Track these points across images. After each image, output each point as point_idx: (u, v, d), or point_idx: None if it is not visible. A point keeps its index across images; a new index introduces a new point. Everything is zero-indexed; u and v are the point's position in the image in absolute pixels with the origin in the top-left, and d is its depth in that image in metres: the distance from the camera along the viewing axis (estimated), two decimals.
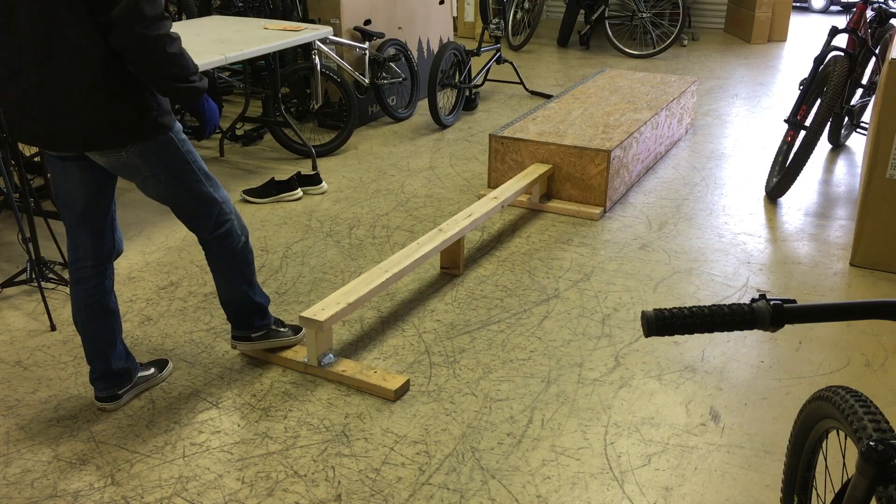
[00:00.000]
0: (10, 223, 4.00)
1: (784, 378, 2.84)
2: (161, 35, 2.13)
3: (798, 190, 4.53)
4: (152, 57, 2.15)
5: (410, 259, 3.12)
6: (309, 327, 2.74)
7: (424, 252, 3.18)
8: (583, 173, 4.18)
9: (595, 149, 4.11)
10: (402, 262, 3.09)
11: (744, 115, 5.96)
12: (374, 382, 2.71)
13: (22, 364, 2.89)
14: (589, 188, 4.19)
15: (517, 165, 4.33)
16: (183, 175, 2.44)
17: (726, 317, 1.20)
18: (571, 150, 4.17)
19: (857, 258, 3.65)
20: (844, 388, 1.43)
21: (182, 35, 4.32)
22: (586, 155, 4.14)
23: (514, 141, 4.30)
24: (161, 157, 2.38)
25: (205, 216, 2.53)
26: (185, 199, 2.48)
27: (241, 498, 2.27)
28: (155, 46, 2.13)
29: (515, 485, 2.32)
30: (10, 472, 2.37)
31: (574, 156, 4.17)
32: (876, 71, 4.91)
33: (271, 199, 4.33)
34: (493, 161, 4.40)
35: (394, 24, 5.82)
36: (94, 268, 2.53)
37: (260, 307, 2.79)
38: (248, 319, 2.79)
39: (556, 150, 4.21)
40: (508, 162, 4.35)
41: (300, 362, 2.82)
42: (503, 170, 4.39)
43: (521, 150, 4.30)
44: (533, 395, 2.73)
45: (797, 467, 1.67)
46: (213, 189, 2.53)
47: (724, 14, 9.27)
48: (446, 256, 3.53)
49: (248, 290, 2.73)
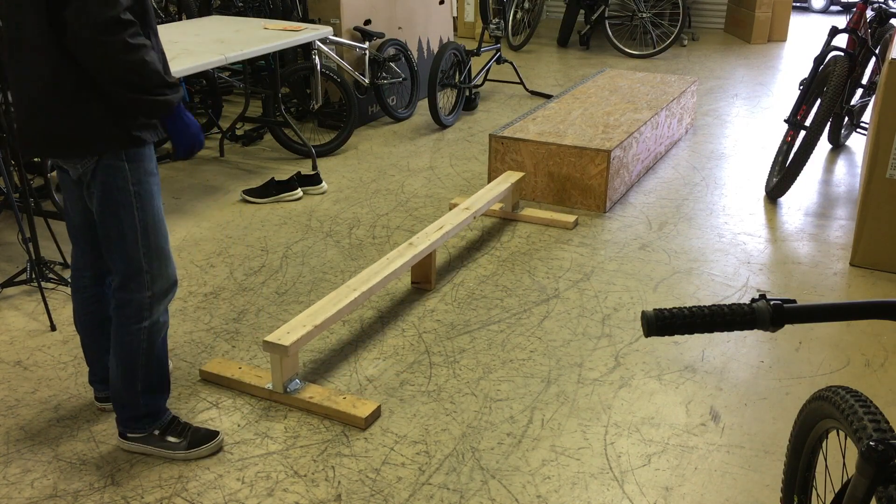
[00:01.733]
0: (10, 223, 4.00)
1: (784, 378, 2.84)
2: (115, 41, 1.94)
3: (798, 190, 4.53)
4: (103, 63, 1.97)
5: (380, 276, 2.97)
6: (274, 352, 2.58)
7: (394, 268, 3.04)
8: (583, 173, 4.17)
9: (595, 149, 4.11)
10: (371, 279, 2.94)
11: (744, 115, 5.96)
12: (342, 409, 2.56)
13: (22, 364, 2.89)
14: (589, 188, 4.19)
15: (517, 165, 4.33)
16: (117, 211, 2.18)
17: (726, 317, 1.20)
18: (571, 150, 4.17)
19: (857, 258, 3.65)
20: (844, 388, 1.43)
21: (182, 35, 4.33)
22: (586, 155, 4.13)
23: (514, 141, 4.29)
24: (105, 178, 2.16)
25: (118, 266, 2.25)
26: (111, 237, 2.22)
27: (241, 498, 2.27)
28: (106, 51, 1.95)
29: (515, 485, 2.32)
30: (10, 472, 2.37)
31: (574, 156, 4.17)
32: (876, 71, 4.91)
33: (271, 199, 4.33)
34: (493, 161, 4.40)
35: (394, 24, 5.82)
36: (93, 279, 2.45)
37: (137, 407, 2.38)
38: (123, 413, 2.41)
39: (556, 150, 4.20)
40: (508, 162, 4.34)
41: (265, 388, 2.67)
42: (503, 170, 4.38)
43: (520, 150, 4.29)
44: (533, 395, 2.73)
45: (797, 467, 1.67)
46: (146, 254, 2.23)
47: (724, 14, 9.27)
48: (417, 271, 3.39)
49: (126, 380, 2.34)
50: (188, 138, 2.19)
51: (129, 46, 1.97)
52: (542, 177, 4.29)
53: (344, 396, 2.63)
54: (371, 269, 3.03)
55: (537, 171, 4.28)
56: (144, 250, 2.22)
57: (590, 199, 4.21)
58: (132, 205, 2.18)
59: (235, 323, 3.15)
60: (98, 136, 2.10)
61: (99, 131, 2.10)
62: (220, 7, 6.17)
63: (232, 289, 3.41)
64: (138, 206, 2.19)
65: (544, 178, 4.28)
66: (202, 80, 5.13)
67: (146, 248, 2.22)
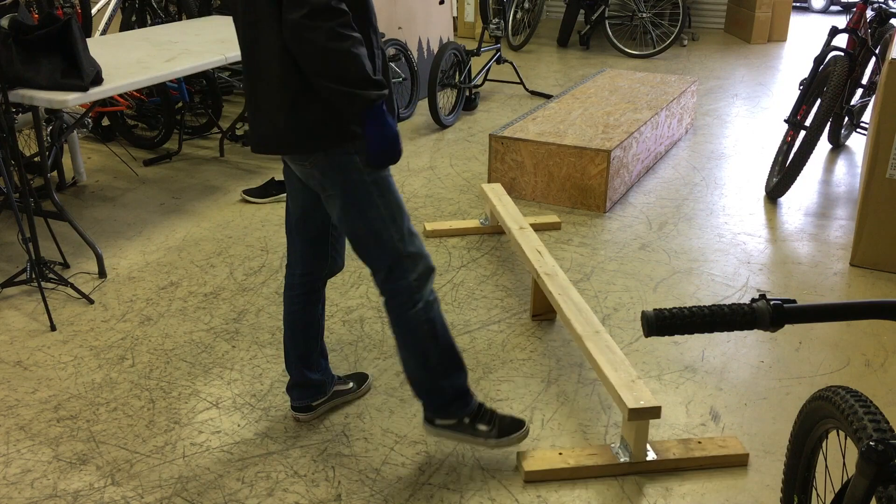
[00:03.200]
0: (10, 223, 4.00)
1: (784, 378, 2.84)
2: (322, 27, 1.87)
3: (798, 190, 4.53)
4: (307, 47, 1.90)
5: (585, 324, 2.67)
6: (642, 418, 2.28)
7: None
8: (583, 173, 4.17)
9: (595, 149, 4.11)
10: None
11: (744, 115, 5.96)
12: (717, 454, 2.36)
13: (22, 364, 2.89)
14: (588, 189, 4.19)
15: (517, 165, 4.33)
16: (361, 206, 2.14)
17: (726, 317, 1.20)
18: (571, 150, 4.16)
19: (857, 258, 3.65)
20: (844, 388, 1.43)
21: (182, 35, 4.33)
22: (586, 155, 4.13)
23: (513, 141, 4.29)
24: (338, 176, 2.12)
25: (378, 261, 2.20)
26: (361, 234, 2.18)
27: (241, 498, 2.27)
28: (311, 36, 1.88)
29: (515, 485, 2.32)
30: (10, 472, 2.37)
31: (574, 156, 4.16)
32: (876, 71, 4.91)
33: (271, 199, 4.33)
34: (493, 161, 4.39)
35: (394, 24, 5.82)
36: (302, 276, 2.41)
37: (443, 393, 2.29)
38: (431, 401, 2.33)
39: (556, 150, 4.20)
40: (508, 162, 4.34)
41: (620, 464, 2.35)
42: (503, 170, 4.38)
43: (520, 150, 4.29)
44: (533, 395, 2.73)
45: (797, 467, 1.67)
46: (400, 239, 2.17)
47: (724, 14, 9.26)
48: (540, 303, 3.16)
49: (422, 367, 2.26)
50: (381, 143, 2.01)
51: (336, 35, 1.89)
52: (541, 177, 4.28)
53: (698, 440, 2.43)
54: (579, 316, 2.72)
55: (537, 171, 4.28)
56: (398, 237, 2.15)
57: (590, 200, 4.21)
58: (372, 195, 2.12)
59: (235, 323, 3.15)
60: (323, 132, 2.06)
61: (324, 128, 2.06)
62: (220, 7, 6.17)
63: (232, 289, 3.41)
64: (378, 194, 2.12)
65: (544, 179, 4.28)
66: (202, 80, 5.13)
67: (399, 234, 2.16)
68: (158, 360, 2.91)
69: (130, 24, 5.72)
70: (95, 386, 2.76)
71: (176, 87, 4.93)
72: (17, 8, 3.29)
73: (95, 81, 3.26)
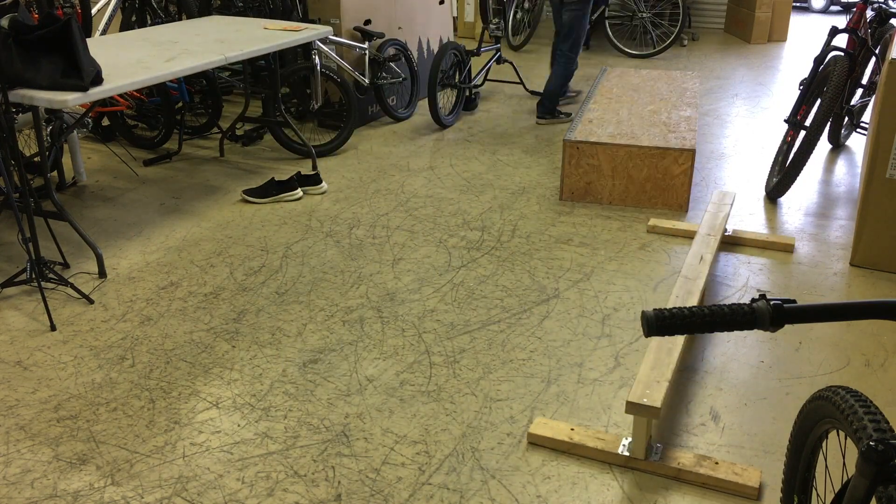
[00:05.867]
0: (10, 223, 4.00)
1: (784, 378, 2.84)
2: None
3: (798, 190, 4.53)
4: None
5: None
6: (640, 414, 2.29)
7: None
8: (665, 174, 4.13)
9: (679, 148, 4.07)
10: None
11: (744, 115, 5.96)
12: (725, 478, 2.28)
13: (22, 364, 2.89)
14: (670, 189, 4.16)
15: (593, 169, 4.23)
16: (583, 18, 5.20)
17: (726, 317, 1.20)
18: (654, 152, 4.11)
19: (857, 258, 3.65)
20: (844, 388, 1.43)
21: (182, 35, 4.33)
22: (669, 155, 4.09)
23: (590, 145, 4.19)
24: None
25: (572, 42, 5.26)
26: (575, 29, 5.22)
27: (241, 498, 2.27)
28: None
29: (515, 485, 2.32)
30: (10, 472, 2.37)
31: (656, 157, 4.11)
32: (876, 71, 4.90)
33: (271, 199, 4.33)
34: (566, 166, 4.26)
35: (394, 24, 5.82)
36: None
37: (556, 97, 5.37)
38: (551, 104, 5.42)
39: (636, 152, 4.13)
40: (584, 166, 4.24)
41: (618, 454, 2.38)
42: (577, 174, 4.27)
43: (597, 154, 4.20)
44: (533, 395, 2.73)
45: (797, 467, 1.67)
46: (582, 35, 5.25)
47: (724, 14, 9.26)
48: None
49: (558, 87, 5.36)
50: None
51: None
52: (619, 180, 4.22)
53: (716, 462, 2.36)
54: None
55: (615, 174, 4.21)
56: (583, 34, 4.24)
57: (671, 200, 4.18)
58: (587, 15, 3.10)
59: (235, 323, 3.15)
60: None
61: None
62: (220, 7, 6.17)
63: (232, 289, 3.41)
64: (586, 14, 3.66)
65: (622, 181, 4.22)
66: (202, 80, 5.13)
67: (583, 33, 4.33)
68: (158, 360, 2.91)
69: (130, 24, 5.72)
70: (95, 386, 2.76)
71: (176, 87, 4.93)
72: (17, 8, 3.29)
73: (95, 81, 3.26)
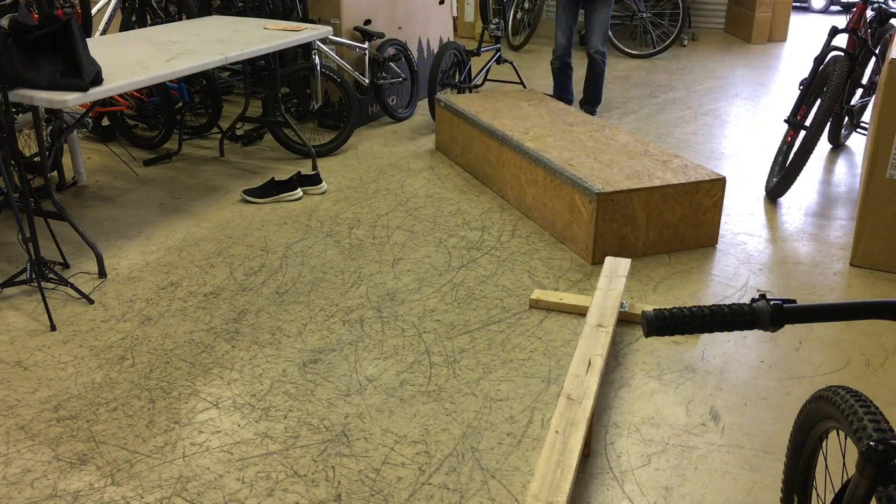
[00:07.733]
0: (10, 223, 4.00)
1: (784, 378, 2.84)
2: None
3: (798, 190, 4.53)
4: None
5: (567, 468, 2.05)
6: None
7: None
8: (697, 209, 3.72)
9: (710, 179, 3.69)
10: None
11: (744, 115, 5.96)
12: None
13: (22, 364, 2.89)
14: (700, 225, 3.76)
15: (627, 222, 3.62)
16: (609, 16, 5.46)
17: (726, 317, 1.20)
18: (687, 187, 3.66)
19: (857, 258, 3.65)
20: (844, 388, 1.43)
21: (182, 35, 4.33)
22: (702, 188, 3.68)
23: (625, 194, 3.58)
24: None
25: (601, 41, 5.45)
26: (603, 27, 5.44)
27: (241, 498, 2.27)
28: None
29: (515, 485, 2.32)
30: (10, 472, 2.37)
31: (689, 192, 3.67)
32: (876, 71, 4.91)
33: (271, 199, 4.33)
34: (599, 224, 3.57)
35: (394, 24, 5.82)
36: None
37: None
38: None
39: (670, 192, 3.64)
40: (618, 220, 3.62)
41: None
42: (611, 231, 3.62)
43: (632, 203, 3.60)
44: (533, 395, 2.73)
45: (797, 467, 1.67)
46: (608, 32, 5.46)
47: (724, 14, 9.26)
48: None
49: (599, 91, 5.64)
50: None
51: None
52: (653, 226, 3.69)
53: None
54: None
55: (649, 220, 3.67)
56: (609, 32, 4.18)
57: (703, 236, 3.78)
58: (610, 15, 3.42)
59: (235, 323, 3.15)
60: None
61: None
62: (220, 7, 6.17)
63: (232, 289, 3.41)
64: None
65: (656, 227, 3.70)
66: (202, 80, 5.13)
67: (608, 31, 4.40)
68: (158, 360, 2.91)
69: (130, 24, 5.71)
70: (95, 386, 2.76)
71: (176, 87, 4.93)
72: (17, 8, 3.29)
73: (95, 81, 3.26)
